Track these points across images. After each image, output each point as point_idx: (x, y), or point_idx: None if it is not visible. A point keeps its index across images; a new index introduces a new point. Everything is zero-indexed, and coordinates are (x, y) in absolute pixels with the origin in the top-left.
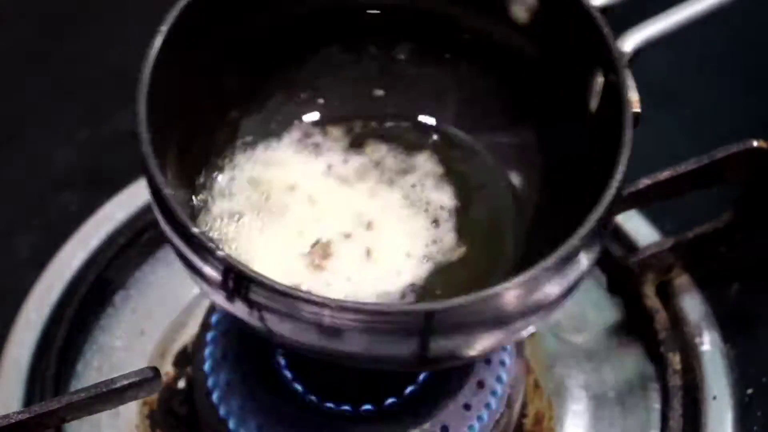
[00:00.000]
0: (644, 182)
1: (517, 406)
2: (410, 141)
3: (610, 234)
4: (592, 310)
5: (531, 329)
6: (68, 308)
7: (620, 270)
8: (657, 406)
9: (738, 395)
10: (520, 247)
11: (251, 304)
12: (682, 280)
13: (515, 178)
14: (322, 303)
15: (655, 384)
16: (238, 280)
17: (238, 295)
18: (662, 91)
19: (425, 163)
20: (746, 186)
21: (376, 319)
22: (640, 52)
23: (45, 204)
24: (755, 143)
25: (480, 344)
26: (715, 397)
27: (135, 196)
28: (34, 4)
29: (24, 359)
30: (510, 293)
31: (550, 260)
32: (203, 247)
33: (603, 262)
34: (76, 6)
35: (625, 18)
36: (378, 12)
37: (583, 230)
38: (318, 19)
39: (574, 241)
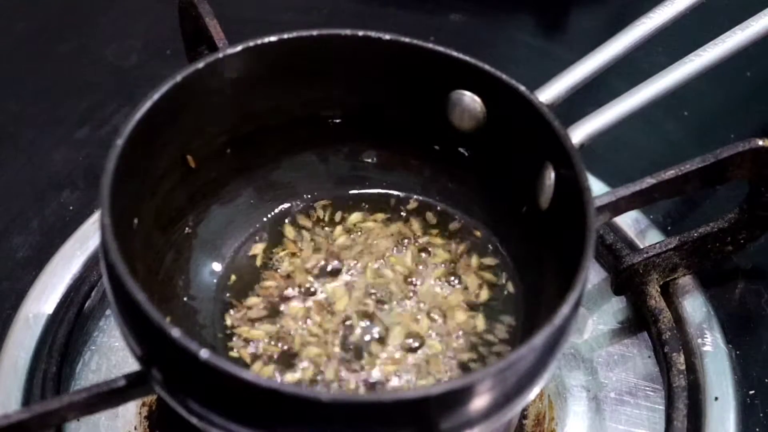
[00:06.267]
0: (648, 181)
1: None
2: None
3: (614, 233)
4: (595, 309)
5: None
6: (67, 308)
7: (624, 269)
8: (659, 407)
9: (740, 396)
10: None
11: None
12: (685, 281)
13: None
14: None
15: (658, 385)
16: None
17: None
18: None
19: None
20: (751, 185)
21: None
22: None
23: (44, 204)
24: (760, 142)
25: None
26: (717, 398)
27: None
28: (34, 4)
29: (23, 359)
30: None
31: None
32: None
33: (607, 262)
34: (75, 6)
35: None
36: (340, 121)
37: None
38: (288, 127)
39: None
